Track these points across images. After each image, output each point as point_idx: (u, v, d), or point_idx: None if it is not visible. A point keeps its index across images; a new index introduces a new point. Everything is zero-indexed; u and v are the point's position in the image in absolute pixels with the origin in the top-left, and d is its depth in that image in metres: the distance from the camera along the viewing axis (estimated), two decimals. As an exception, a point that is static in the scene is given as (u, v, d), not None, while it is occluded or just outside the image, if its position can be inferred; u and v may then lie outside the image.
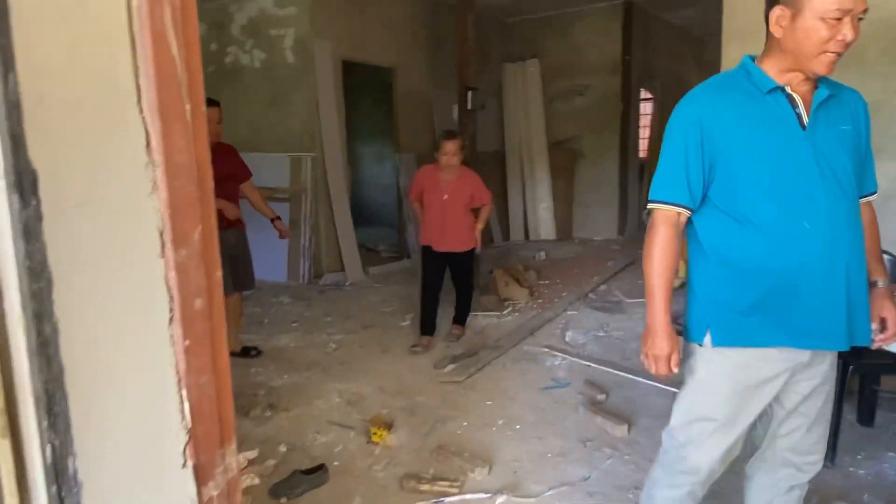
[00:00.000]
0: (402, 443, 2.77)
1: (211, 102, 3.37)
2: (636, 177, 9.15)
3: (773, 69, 1.47)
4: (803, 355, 1.49)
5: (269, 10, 6.35)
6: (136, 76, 0.84)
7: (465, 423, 2.98)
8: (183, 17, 0.88)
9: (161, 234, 0.87)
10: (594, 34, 8.35)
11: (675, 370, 1.55)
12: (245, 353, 3.94)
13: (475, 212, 4.15)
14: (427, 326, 4.15)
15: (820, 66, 1.39)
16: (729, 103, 1.50)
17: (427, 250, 4.12)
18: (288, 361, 3.88)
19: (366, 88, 10.38)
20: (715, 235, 1.53)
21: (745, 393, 1.53)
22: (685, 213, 1.53)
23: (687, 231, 1.61)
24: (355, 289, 5.99)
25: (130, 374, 0.83)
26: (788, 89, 1.46)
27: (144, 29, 0.84)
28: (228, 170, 3.72)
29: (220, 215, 3.48)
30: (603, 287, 5.76)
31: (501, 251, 7.85)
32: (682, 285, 4.79)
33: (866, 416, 2.80)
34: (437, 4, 7.45)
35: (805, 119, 1.44)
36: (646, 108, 9.95)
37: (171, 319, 0.89)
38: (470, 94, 5.02)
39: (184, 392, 0.89)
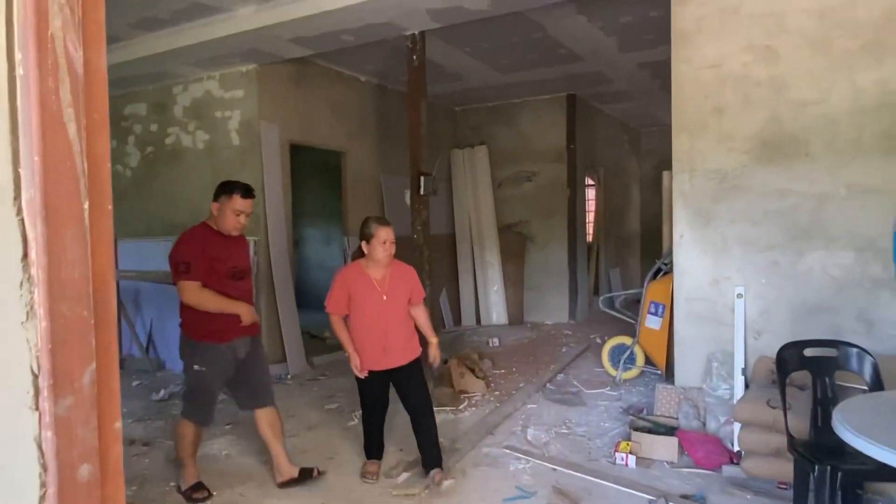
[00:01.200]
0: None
1: (248, 192, 3.14)
2: (584, 260, 9.26)
3: None
4: None
5: (215, 92, 6.25)
6: (16, 165, 0.63)
7: (422, 545, 2.64)
8: (88, 91, 0.69)
9: (36, 379, 0.63)
10: (540, 123, 8.64)
11: None
12: (306, 475, 3.31)
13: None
14: (375, 450, 3.50)
15: None
16: None
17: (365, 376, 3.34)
18: (219, 475, 3.44)
19: (314, 170, 10.33)
20: None
21: None
22: None
23: None
24: (298, 382, 5.59)
25: None
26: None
27: (31, 103, 0.64)
28: (247, 264, 3.45)
29: (235, 320, 3.12)
30: (560, 377, 5.58)
31: (453, 337, 7.62)
32: (641, 374, 4.69)
33: (850, 521, 2.65)
34: (386, 90, 7.56)
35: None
36: (589, 194, 10.27)
37: (42, 497, 0.64)
38: (423, 179, 4.96)
39: None
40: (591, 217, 10.45)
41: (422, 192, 4.96)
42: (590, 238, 10.22)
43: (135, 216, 7.01)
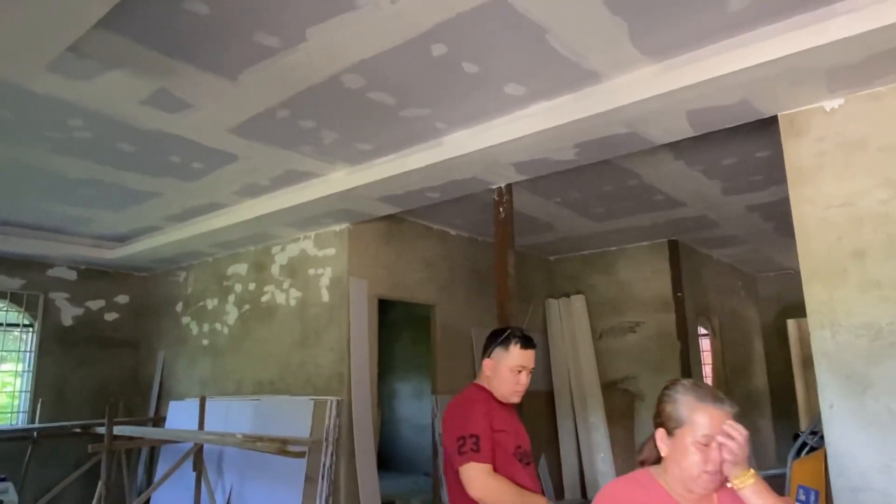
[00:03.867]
0: None
1: (529, 342, 2.50)
2: (705, 422, 8.16)
3: None
4: None
5: (310, 251, 6.43)
6: None
7: None
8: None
9: None
10: (641, 271, 8.16)
11: None
12: None
13: None
14: None
15: None
16: None
17: None
18: None
19: (405, 323, 10.28)
20: None
21: None
22: None
23: None
24: (375, 567, 4.95)
25: None
26: None
27: None
28: (528, 441, 2.64)
29: None
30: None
31: (554, 514, 6.69)
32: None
33: None
34: (476, 242, 7.51)
35: None
36: (703, 345, 9.33)
37: None
38: (511, 335, 4.58)
39: None
40: (707, 370, 9.40)
41: (511, 351, 4.55)
42: (709, 395, 9.10)
43: (227, 374, 7.07)
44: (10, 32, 2.71)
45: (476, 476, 2.21)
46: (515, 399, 2.48)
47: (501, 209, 4.90)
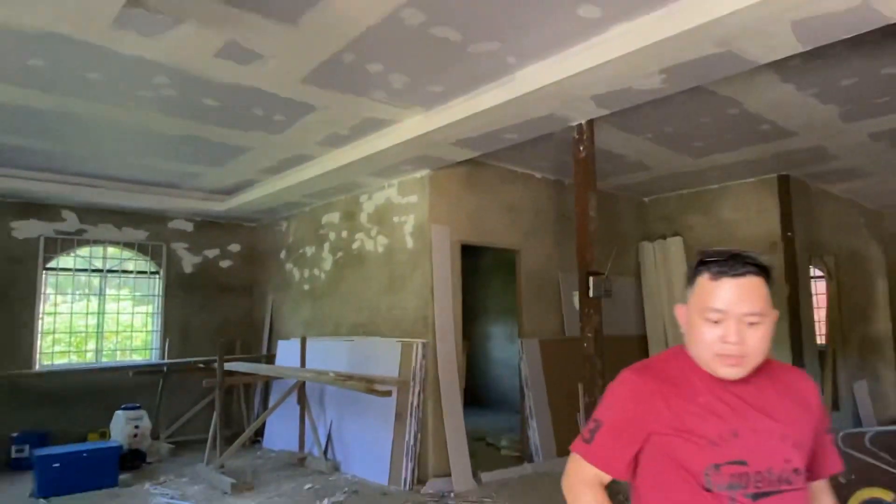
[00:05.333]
0: None
1: (730, 266, 1.28)
2: (816, 368, 7.41)
3: None
4: None
5: (394, 199, 6.36)
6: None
7: None
8: None
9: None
10: (745, 210, 7.38)
11: None
12: None
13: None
14: None
15: None
16: None
17: None
18: None
19: (495, 268, 10.10)
20: None
21: None
22: None
23: None
24: (462, 502, 4.97)
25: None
26: None
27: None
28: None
29: None
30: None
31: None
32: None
33: None
34: (563, 185, 7.09)
35: None
36: (816, 287, 8.39)
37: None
38: (592, 280, 4.27)
39: None
40: (819, 315, 8.48)
41: (591, 295, 4.25)
42: (822, 341, 8.25)
43: (325, 317, 7.29)
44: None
45: (567, 472, 1.40)
46: (725, 371, 1.28)
47: (581, 147, 4.50)
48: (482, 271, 10.29)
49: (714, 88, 4.48)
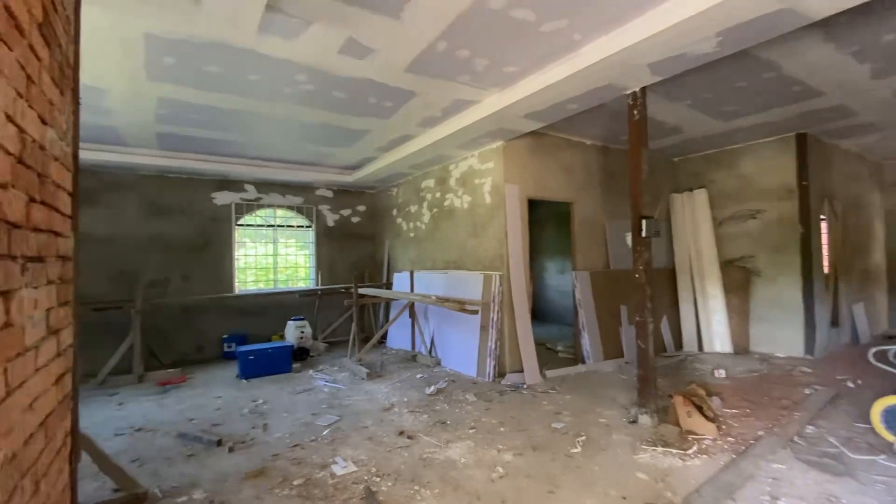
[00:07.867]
0: None
1: None
2: (822, 293, 6.35)
3: None
4: None
5: (475, 166, 5.87)
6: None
7: None
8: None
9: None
10: (764, 165, 6.26)
11: None
12: None
13: None
14: None
15: None
16: None
17: None
18: (452, 486, 2.73)
19: (551, 218, 9.46)
20: None
21: None
22: None
23: None
24: (532, 392, 4.67)
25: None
26: None
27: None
28: None
29: None
30: (810, 429, 3.53)
31: (676, 362, 5.79)
32: None
33: None
34: (608, 150, 6.28)
35: None
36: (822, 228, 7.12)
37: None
38: (645, 222, 3.66)
39: None
40: (825, 251, 7.23)
41: (643, 234, 3.65)
42: (827, 269, 7.07)
43: (426, 256, 7.05)
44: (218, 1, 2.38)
45: None
46: None
47: (636, 111, 3.78)
48: (540, 220, 9.66)
49: (758, 53, 3.59)
